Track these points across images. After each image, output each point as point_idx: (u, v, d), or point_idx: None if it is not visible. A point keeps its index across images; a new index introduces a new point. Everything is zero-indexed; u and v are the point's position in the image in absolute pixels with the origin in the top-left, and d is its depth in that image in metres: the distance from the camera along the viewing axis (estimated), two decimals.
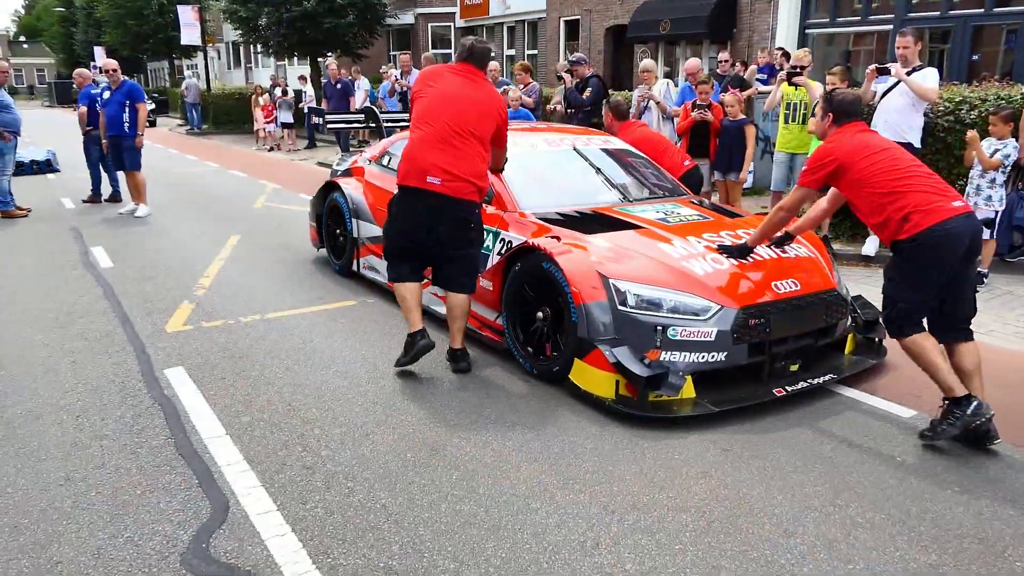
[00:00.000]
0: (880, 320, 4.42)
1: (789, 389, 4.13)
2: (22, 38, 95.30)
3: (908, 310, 3.64)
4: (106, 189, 11.27)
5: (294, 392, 4.26)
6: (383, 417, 3.93)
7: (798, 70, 7.42)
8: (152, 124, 27.09)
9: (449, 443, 3.65)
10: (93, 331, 5.32)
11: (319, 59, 24.75)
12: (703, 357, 4.01)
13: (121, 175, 10.12)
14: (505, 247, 4.82)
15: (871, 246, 7.22)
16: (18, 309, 5.87)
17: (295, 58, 27.09)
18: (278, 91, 19.28)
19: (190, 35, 27.87)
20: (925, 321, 3.72)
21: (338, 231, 6.72)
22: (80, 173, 11.45)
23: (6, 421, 3.92)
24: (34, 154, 14.96)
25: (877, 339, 4.71)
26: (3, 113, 9.67)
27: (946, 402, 3.66)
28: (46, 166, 14.72)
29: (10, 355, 4.89)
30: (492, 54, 4.74)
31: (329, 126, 20.90)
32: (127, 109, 9.63)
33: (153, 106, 28.20)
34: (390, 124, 7.66)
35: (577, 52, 13.88)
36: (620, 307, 4.06)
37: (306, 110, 18.80)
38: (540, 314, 4.45)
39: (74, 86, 11.91)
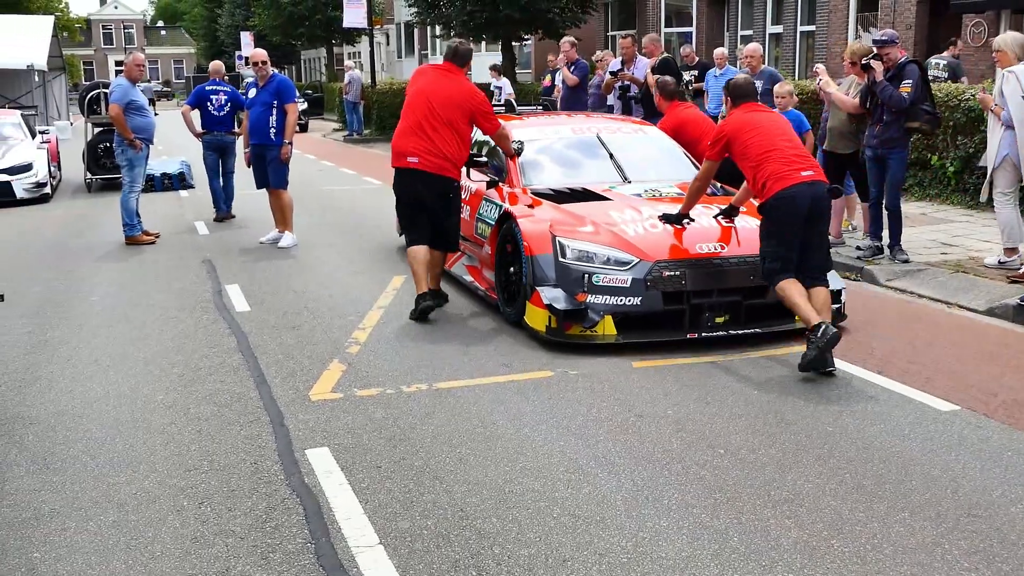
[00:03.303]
0: (841, 289, 6.87)
1: (704, 335, 6.51)
2: (160, 23, 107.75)
3: (772, 262, 6.00)
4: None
5: (468, 492, 4.37)
6: (586, 538, 3.93)
7: None
8: (303, 128, 29.39)
9: None
10: (223, 393, 5.80)
11: (514, 43, 25.82)
12: (620, 300, 6.44)
13: (256, 192, 11.03)
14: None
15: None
16: (141, 359, 6.54)
17: (483, 42, 28.50)
18: None
19: (354, 15, 30.23)
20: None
21: None
22: None
23: (118, 503, 4.35)
24: (166, 166, 16.80)
25: (836, 307, 6.66)
26: (135, 116, 10.81)
27: (808, 334, 5.81)
28: (179, 181, 16.49)
29: (126, 418, 5.43)
30: (472, 52, 7.68)
31: None
32: (275, 111, 10.43)
33: (305, 106, 30.75)
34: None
35: (884, 29, 13.39)
36: (560, 259, 6.57)
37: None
38: (512, 269, 7.08)
39: None
